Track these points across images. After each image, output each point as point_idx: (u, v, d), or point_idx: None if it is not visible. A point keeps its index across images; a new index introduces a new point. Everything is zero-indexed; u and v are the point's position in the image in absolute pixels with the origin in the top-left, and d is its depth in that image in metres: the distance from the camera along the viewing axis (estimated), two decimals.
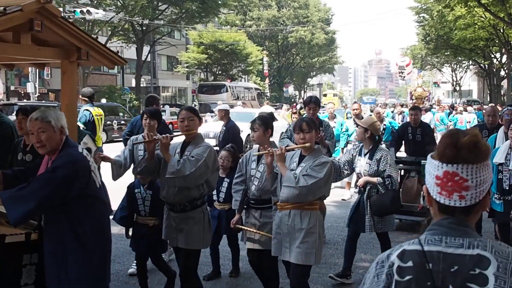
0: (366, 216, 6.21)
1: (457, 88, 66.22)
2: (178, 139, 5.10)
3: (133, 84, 48.56)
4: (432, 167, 1.81)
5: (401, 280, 1.76)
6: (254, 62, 55.97)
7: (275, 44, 72.21)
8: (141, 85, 49.85)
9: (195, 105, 44.89)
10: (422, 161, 8.71)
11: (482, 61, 53.23)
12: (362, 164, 6.25)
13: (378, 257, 1.91)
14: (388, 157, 6.19)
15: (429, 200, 1.86)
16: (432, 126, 19.01)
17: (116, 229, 7.25)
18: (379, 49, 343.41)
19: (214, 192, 6.23)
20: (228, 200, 6.15)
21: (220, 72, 55.62)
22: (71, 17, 34.55)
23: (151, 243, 5.64)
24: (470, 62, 58.71)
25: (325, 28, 75.56)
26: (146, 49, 48.67)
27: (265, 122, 5.35)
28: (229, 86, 47.19)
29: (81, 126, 9.21)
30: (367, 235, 8.32)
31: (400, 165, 9.44)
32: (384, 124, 12.72)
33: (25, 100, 32.07)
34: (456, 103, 40.40)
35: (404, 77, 49.99)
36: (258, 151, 5.23)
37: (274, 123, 5.57)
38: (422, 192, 9.22)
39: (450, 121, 21.40)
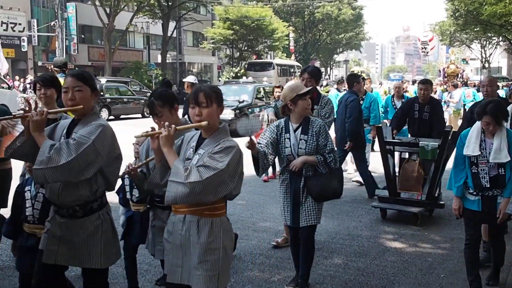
0: (302, 206, 5.06)
1: (486, 65, 65.07)
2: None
3: (159, 60, 48.78)
4: None
5: None
6: (280, 38, 55.63)
7: (301, 19, 71.60)
8: (167, 61, 50.04)
9: (219, 81, 45.06)
10: (421, 142, 7.77)
11: None
12: (294, 142, 5.00)
13: None
14: (326, 128, 5.09)
15: None
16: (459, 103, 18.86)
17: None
18: (407, 25, 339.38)
19: (128, 189, 4.95)
20: (144, 199, 4.76)
21: (246, 48, 55.45)
22: None
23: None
24: (500, 38, 57.44)
25: (352, 4, 74.56)
26: (172, 25, 48.69)
27: (169, 100, 4.18)
28: (276, 64, 48.78)
29: None
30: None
31: (398, 147, 8.27)
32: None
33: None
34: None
35: (427, 52, 49.15)
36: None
37: None
38: (425, 178, 8.01)
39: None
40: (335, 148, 5.06)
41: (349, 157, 11.10)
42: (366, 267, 5.96)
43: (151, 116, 4.29)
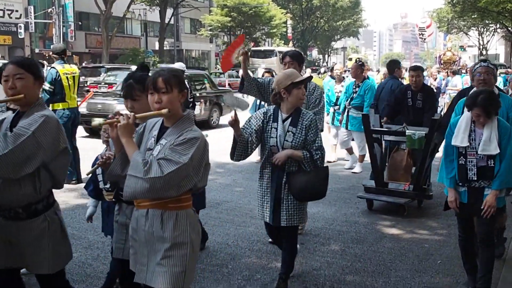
0: (283, 204, 4.70)
1: (484, 52, 65.02)
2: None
3: (157, 47, 48.68)
4: None
5: None
6: (278, 25, 55.57)
7: (299, 6, 71.37)
8: (165, 48, 49.96)
9: (217, 69, 44.95)
10: (407, 131, 7.39)
11: (510, 25, 52.01)
12: (281, 133, 4.63)
13: None
14: (317, 123, 4.76)
15: None
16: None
17: None
18: (404, 12, 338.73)
19: (100, 178, 4.57)
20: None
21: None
22: None
23: None
24: (498, 25, 57.41)
25: None
26: (169, 11, 48.51)
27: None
28: (278, 51, 48.45)
29: (47, 86, 8.52)
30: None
31: (387, 136, 7.94)
32: None
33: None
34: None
35: (425, 39, 48.89)
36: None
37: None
38: (413, 168, 7.75)
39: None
40: (323, 146, 4.71)
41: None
42: (363, 254, 5.98)
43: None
